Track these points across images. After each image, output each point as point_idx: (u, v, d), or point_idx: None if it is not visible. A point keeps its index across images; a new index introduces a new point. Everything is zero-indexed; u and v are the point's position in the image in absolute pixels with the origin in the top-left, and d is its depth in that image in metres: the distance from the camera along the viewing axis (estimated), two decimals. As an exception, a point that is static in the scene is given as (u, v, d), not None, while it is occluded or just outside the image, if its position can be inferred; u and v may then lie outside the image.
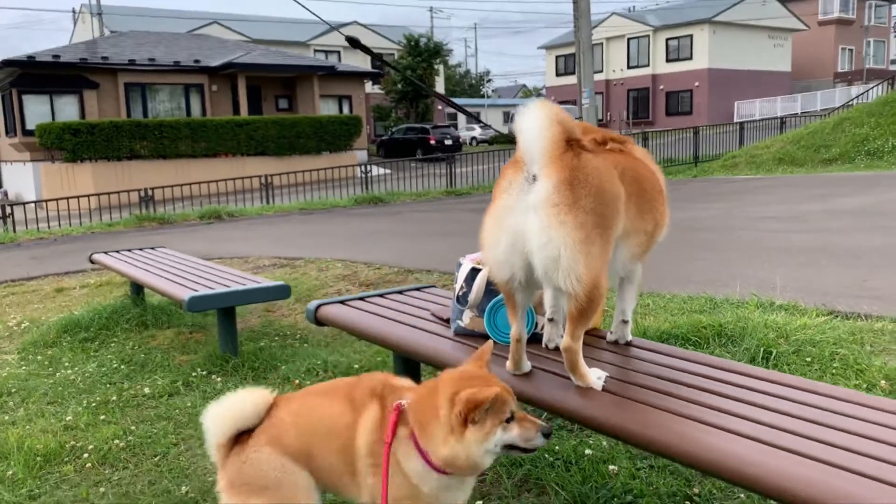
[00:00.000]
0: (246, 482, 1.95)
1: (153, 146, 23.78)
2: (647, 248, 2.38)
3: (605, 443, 3.03)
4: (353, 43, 3.75)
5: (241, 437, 2.04)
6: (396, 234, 11.25)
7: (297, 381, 4.27)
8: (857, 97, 29.69)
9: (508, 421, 1.83)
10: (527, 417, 1.89)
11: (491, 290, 2.68)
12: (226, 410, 2.02)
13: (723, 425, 1.91)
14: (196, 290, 4.53)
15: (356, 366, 4.45)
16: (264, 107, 29.62)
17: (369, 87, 37.36)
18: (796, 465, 1.69)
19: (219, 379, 4.40)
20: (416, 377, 3.40)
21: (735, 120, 35.75)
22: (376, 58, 3.93)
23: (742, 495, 2.57)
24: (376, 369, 4.39)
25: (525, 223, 2.03)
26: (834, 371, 3.25)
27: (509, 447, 1.85)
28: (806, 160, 19.07)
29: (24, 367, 4.89)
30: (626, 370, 2.37)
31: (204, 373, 4.50)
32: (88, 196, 16.11)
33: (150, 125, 23.95)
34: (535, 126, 2.02)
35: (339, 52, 43.35)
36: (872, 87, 29.62)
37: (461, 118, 57.56)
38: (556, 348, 2.55)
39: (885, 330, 3.65)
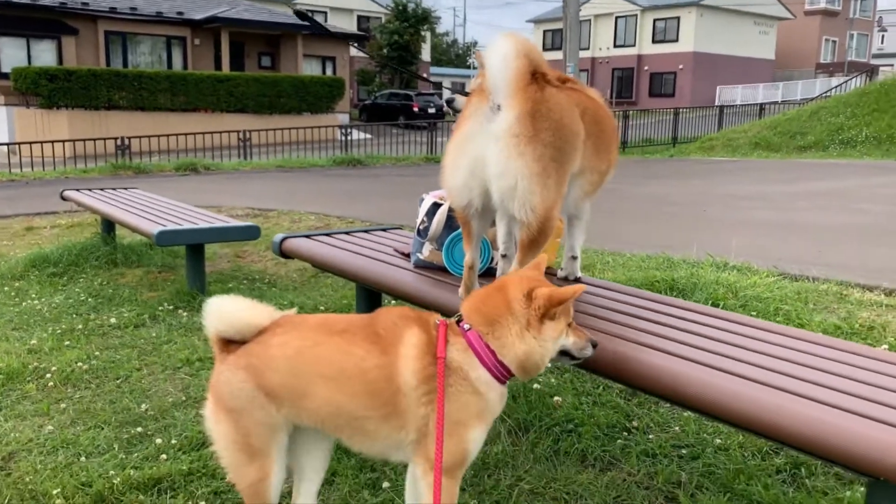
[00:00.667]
0: (218, 395, 1.86)
1: (132, 97, 23.41)
2: (598, 187, 2.47)
3: (553, 380, 3.16)
4: (302, 17, 3.74)
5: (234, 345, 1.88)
6: (372, 194, 11.30)
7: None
8: (836, 87, 30.00)
9: (569, 326, 1.85)
10: (579, 328, 1.89)
11: (450, 224, 2.77)
12: (216, 309, 1.87)
13: (661, 347, 2.03)
14: (165, 226, 4.57)
15: (321, 307, 4.54)
16: (247, 63, 29.23)
17: (354, 50, 36.96)
18: (728, 381, 1.82)
19: (185, 313, 4.47)
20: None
21: (716, 104, 35.95)
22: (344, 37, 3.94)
23: (677, 428, 2.72)
24: (341, 311, 4.50)
25: (485, 151, 2.09)
26: (776, 324, 3.40)
27: (564, 353, 1.85)
28: (781, 146, 19.35)
29: (-10, 297, 4.92)
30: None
31: (170, 307, 4.57)
32: (63, 142, 15.91)
33: (129, 75, 23.54)
34: (501, 57, 2.07)
35: (325, 13, 42.79)
36: (851, 79, 29.92)
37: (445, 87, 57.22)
38: (509, 281, 2.66)
39: (829, 291, 3.82)
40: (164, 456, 2.65)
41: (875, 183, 11.28)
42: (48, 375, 3.44)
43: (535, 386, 3.06)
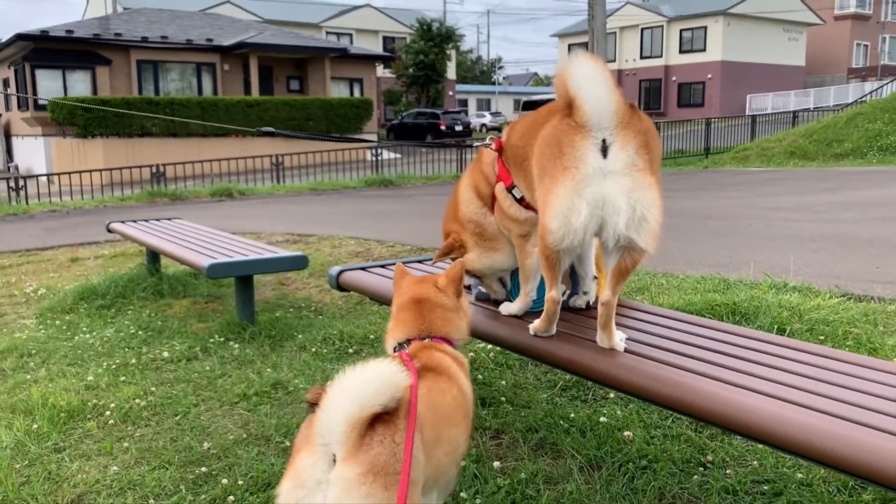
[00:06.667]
0: (398, 471, 1.56)
1: (164, 124, 23.82)
2: None
3: (619, 411, 3.08)
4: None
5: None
6: (408, 215, 11.29)
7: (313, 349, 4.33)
8: (871, 93, 29.51)
9: None
10: None
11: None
12: (380, 377, 1.58)
13: (742, 384, 1.96)
14: (215, 258, 4.59)
15: (371, 336, 4.51)
16: (275, 87, 29.60)
17: (380, 70, 37.26)
18: (815, 419, 1.74)
19: (236, 345, 4.46)
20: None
21: (747, 113, 35.57)
22: None
23: (755, 462, 2.63)
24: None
25: (607, 190, 2.03)
26: (847, 349, 3.29)
27: None
28: (818, 154, 19.03)
29: (42, 331, 4.96)
30: (641, 332, 2.42)
31: (221, 339, 4.57)
32: (100, 171, 16.18)
33: (161, 103, 23.96)
34: (603, 90, 2.02)
35: (350, 35, 43.25)
36: (886, 84, 29.43)
37: (471, 104, 57.39)
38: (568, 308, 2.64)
39: (898, 312, 3.70)
40: (231, 497, 2.62)
41: (920, 190, 11.03)
42: (107, 413, 3.45)
43: (602, 419, 2.98)
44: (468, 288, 3.01)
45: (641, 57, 45.96)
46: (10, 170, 26.67)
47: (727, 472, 2.58)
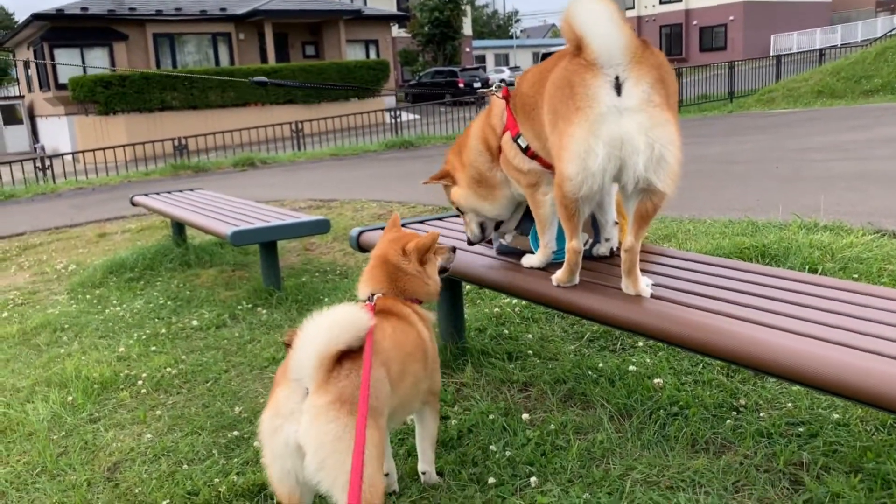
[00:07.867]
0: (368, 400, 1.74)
1: (183, 97, 23.86)
2: None
3: (647, 360, 3.05)
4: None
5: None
6: (429, 176, 11.22)
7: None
8: (902, 25, 28.51)
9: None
10: (440, 246, 2.38)
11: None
12: (343, 320, 1.78)
13: (776, 324, 1.91)
14: (238, 226, 4.59)
15: (397, 296, 4.50)
16: (291, 54, 29.43)
17: (396, 30, 36.81)
18: (853, 356, 1.69)
19: (264, 311, 4.49)
20: (458, 296, 3.44)
21: (771, 54, 34.63)
22: None
23: (789, 404, 2.58)
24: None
25: (623, 129, 1.93)
26: (882, 286, 3.21)
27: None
28: (846, 92, 18.51)
29: (74, 306, 5.03)
30: (668, 278, 2.37)
31: (249, 306, 4.60)
32: (124, 147, 16.28)
33: (179, 76, 23.94)
34: (610, 25, 1.94)
35: (364, -4, 42.71)
36: (918, 15, 28.39)
37: (489, 60, 56.64)
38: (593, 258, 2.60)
39: (934, 247, 3.59)
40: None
41: (955, 124, 10.70)
42: (140, 382, 3.50)
43: (631, 368, 2.95)
44: (489, 242, 2.97)
45: (661, 2, 44.82)
46: (37, 150, 26.97)
47: (761, 415, 2.54)
